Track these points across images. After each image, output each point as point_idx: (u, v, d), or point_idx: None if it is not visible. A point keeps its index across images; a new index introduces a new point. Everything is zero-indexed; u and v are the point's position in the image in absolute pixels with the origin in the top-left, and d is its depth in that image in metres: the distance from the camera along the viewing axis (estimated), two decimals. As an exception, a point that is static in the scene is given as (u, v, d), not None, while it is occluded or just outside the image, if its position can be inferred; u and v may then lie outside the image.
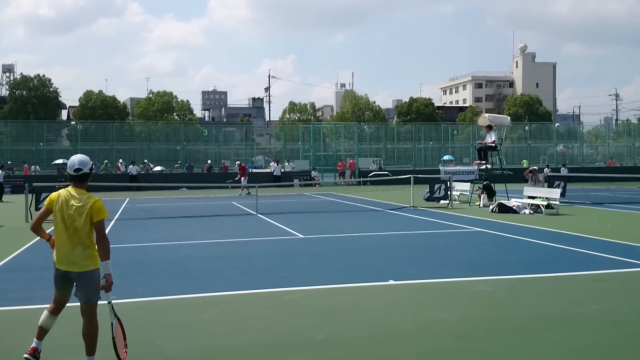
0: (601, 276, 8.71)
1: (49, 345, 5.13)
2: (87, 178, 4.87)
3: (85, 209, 4.73)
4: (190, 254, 10.95)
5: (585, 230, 13.79)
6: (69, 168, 4.85)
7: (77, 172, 4.82)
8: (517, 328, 6.01)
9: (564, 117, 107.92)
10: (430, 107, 73.84)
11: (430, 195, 22.17)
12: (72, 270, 4.73)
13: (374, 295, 7.64)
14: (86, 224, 4.74)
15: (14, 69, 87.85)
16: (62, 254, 4.76)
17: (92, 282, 4.75)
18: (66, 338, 5.59)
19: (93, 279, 4.76)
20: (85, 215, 4.73)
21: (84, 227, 4.74)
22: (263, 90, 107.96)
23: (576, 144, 50.58)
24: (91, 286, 4.75)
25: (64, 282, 4.82)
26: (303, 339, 5.71)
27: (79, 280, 4.75)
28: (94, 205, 4.75)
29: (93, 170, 5.01)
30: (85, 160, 4.88)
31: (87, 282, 4.73)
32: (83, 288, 4.75)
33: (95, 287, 4.78)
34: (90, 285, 4.75)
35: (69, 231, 4.76)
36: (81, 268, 4.72)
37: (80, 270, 4.72)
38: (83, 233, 4.74)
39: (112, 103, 63.17)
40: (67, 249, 4.74)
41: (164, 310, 6.88)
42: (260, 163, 45.92)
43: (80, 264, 4.72)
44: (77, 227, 4.74)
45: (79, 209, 4.74)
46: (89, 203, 4.75)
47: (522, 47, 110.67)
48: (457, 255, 10.99)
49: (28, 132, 41.65)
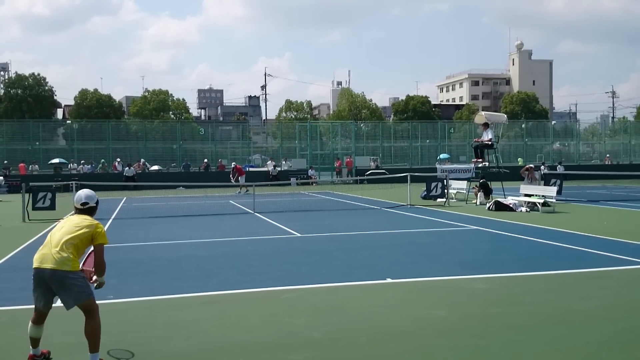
0: (597, 274, 8.75)
1: (46, 344, 5.13)
2: (93, 211, 5.19)
3: (89, 223, 4.93)
4: (188, 253, 10.94)
5: (582, 227, 13.83)
6: (76, 202, 5.15)
7: (84, 206, 5.13)
8: (513, 325, 6.03)
9: (561, 114, 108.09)
10: (427, 105, 73.85)
11: (427, 194, 22.21)
12: (47, 266, 4.67)
13: (371, 293, 7.66)
14: (79, 234, 4.82)
15: (9, 68, 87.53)
16: (42, 253, 4.80)
17: (74, 282, 4.70)
18: (64, 336, 5.59)
19: (73, 279, 4.70)
20: (86, 226, 4.87)
21: (75, 234, 4.80)
22: (259, 88, 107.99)
23: (572, 142, 50.69)
24: (73, 286, 4.69)
25: (42, 289, 4.76)
26: (300, 338, 5.72)
27: (54, 281, 4.67)
28: (99, 228, 4.95)
29: (98, 204, 5.27)
30: (91, 195, 5.20)
31: (64, 282, 4.67)
32: (62, 289, 4.69)
33: (80, 286, 4.73)
34: (72, 285, 4.69)
35: (57, 234, 4.84)
36: (56, 266, 4.66)
37: (55, 268, 4.65)
38: (70, 239, 4.77)
39: (108, 102, 62.93)
40: (48, 248, 4.77)
41: (161, 310, 6.87)
42: (257, 162, 45.87)
43: (55, 262, 4.67)
44: (68, 232, 4.81)
45: (80, 221, 4.94)
46: (94, 225, 4.94)
47: (518, 44, 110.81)
48: (454, 253, 11.01)
49: (23, 132, 41.51)
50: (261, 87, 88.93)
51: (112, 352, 5.26)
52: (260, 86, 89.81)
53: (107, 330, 6.01)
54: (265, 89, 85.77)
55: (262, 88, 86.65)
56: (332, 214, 18.66)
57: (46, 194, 18.00)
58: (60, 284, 4.68)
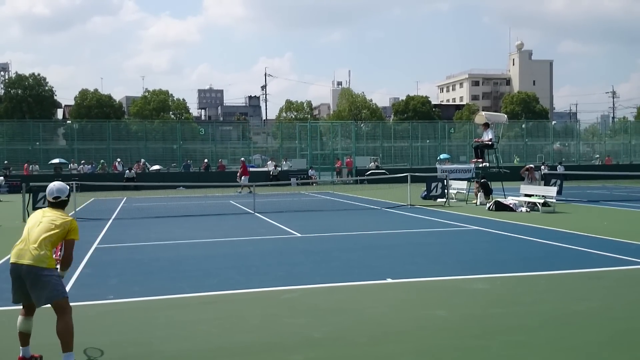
0: (597, 274, 8.74)
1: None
2: (65, 204, 5.23)
3: (63, 220, 4.96)
4: (188, 253, 10.94)
5: (582, 228, 13.83)
6: (48, 195, 5.18)
7: (56, 200, 5.17)
8: (514, 326, 6.03)
9: (561, 114, 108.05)
10: (427, 105, 73.83)
11: (427, 194, 22.21)
12: (24, 262, 4.71)
13: (372, 293, 7.66)
14: (55, 231, 4.86)
15: (9, 68, 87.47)
16: (19, 248, 4.84)
17: (49, 279, 4.73)
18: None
19: (49, 276, 4.73)
20: (60, 225, 4.91)
21: (51, 232, 4.84)
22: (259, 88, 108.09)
23: (573, 142, 50.69)
24: (48, 283, 4.72)
25: (18, 284, 4.81)
26: (301, 338, 5.72)
27: (29, 277, 4.70)
28: (72, 223, 4.99)
29: (70, 197, 5.33)
30: (63, 188, 5.24)
31: (40, 279, 4.70)
32: (37, 286, 4.71)
33: (54, 284, 4.75)
34: (47, 282, 4.71)
35: (33, 230, 4.88)
36: (34, 262, 4.70)
37: (33, 264, 4.69)
38: (47, 237, 4.82)
39: (108, 102, 62.92)
40: (25, 244, 4.82)
41: (161, 310, 6.87)
42: (257, 162, 45.87)
43: (33, 258, 4.71)
44: (45, 229, 4.86)
45: (54, 218, 4.97)
46: (67, 219, 4.99)
47: (518, 44, 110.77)
48: (454, 253, 11.02)
49: (24, 132, 41.55)
50: (261, 87, 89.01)
51: (112, 352, 5.26)
52: (261, 86, 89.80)
53: (107, 330, 6.03)
54: (265, 89, 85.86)
55: (262, 88, 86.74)
56: (333, 214, 18.66)
57: (46, 194, 18.00)
58: (35, 280, 4.71)
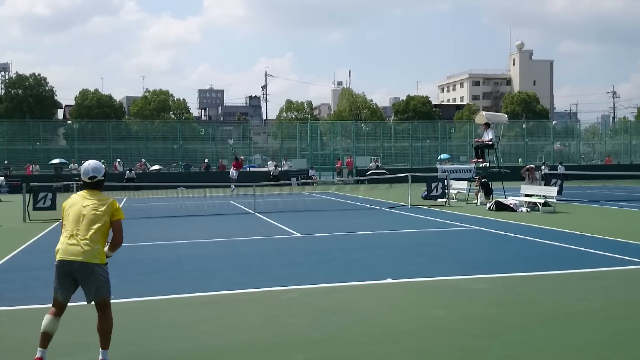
0: (598, 274, 8.74)
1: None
2: (102, 184, 4.94)
3: (105, 205, 4.78)
4: (188, 253, 10.94)
5: (582, 228, 13.82)
6: (83, 175, 4.88)
7: (92, 180, 4.88)
8: (514, 326, 6.03)
9: (561, 114, 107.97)
10: (428, 105, 73.83)
11: (427, 194, 22.19)
12: (77, 259, 4.61)
13: (372, 293, 7.65)
14: (103, 220, 4.73)
15: (9, 68, 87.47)
16: (70, 244, 4.67)
17: (100, 275, 4.68)
18: (65, 337, 5.58)
19: (100, 272, 4.69)
20: (104, 211, 4.75)
21: (100, 223, 4.71)
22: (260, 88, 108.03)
23: (573, 142, 50.69)
24: (99, 279, 4.68)
25: (67, 281, 4.70)
26: (301, 338, 5.72)
27: (82, 273, 4.64)
28: (114, 204, 4.82)
29: (106, 175, 5.06)
30: (98, 167, 4.94)
31: (93, 275, 4.64)
32: (89, 281, 4.65)
33: (103, 281, 4.71)
34: (98, 278, 4.67)
35: (81, 224, 4.70)
36: (87, 258, 4.62)
37: (86, 261, 4.62)
38: (97, 229, 4.69)
39: (108, 102, 62.97)
40: (77, 240, 4.66)
41: (162, 310, 6.87)
42: (258, 162, 45.89)
43: (87, 254, 4.62)
44: (92, 221, 4.70)
45: (96, 205, 4.77)
46: (108, 202, 4.81)
47: (519, 44, 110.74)
48: (455, 253, 11.01)
49: (24, 132, 41.57)
50: (262, 87, 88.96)
51: (112, 352, 5.26)
52: (261, 86, 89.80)
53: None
54: (265, 89, 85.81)
55: (262, 88, 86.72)
56: (333, 214, 18.66)
57: (47, 194, 18.03)
58: (88, 276, 4.65)
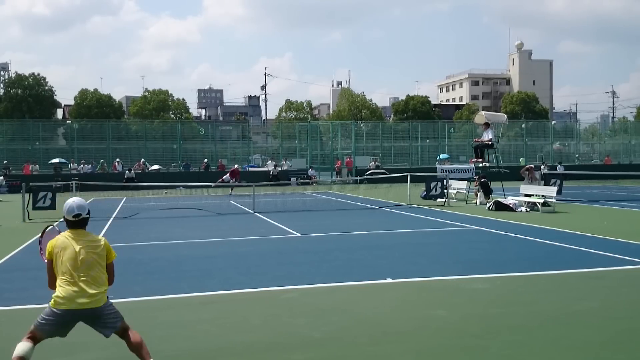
0: (598, 274, 8.75)
1: (45, 345, 5.11)
2: (86, 222, 4.72)
3: (100, 247, 4.63)
4: (187, 253, 10.94)
5: (582, 227, 13.83)
6: (67, 213, 4.62)
7: (77, 218, 4.63)
8: (514, 325, 6.03)
9: (561, 114, 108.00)
10: (427, 105, 73.78)
11: (427, 194, 22.20)
12: (87, 307, 4.50)
13: (371, 293, 7.65)
14: (103, 263, 4.63)
15: (9, 68, 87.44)
16: (75, 292, 4.50)
17: (109, 312, 4.63)
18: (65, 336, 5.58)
19: (109, 309, 4.64)
20: (101, 254, 4.62)
21: (101, 266, 4.62)
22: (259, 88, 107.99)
23: (572, 142, 50.69)
24: (109, 316, 4.62)
25: (71, 326, 4.62)
26: (301, 338, 5.72)
27: (91, 317, 4.57)
28: (107, 244, 4.68)
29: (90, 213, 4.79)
30: (83, 204, 4.69)
31: (103, 315, 4.59)
32: (100, 322, 4.60)
33: (114, 314, 4.66)
34: (108, 316, 4.62)
35: (80, 269, 4.53)
36: (95, 304, 4.53)
37: (94, 306, 4.53)
38: (100, 272, 4.61)
39: (108, 102, 62.87)
40: (81, 287, 4.51)
41: (161, 310, 6.87)
42: (257, 162, 45.86)
43: (95, 300, 4.53)
44: (92, 265, 4.56)
45: (91, 248, 4.60)
46: (101, 243, 4.65)
47: (518, 44, 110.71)
48: (454, 253, 11.02)
49: (24, 131, 41.51)
50: (261, 87, 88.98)
51: (113, 352, 5.26)
52: (261, 86, 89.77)
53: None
54: (265, 88, 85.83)
55: (262, 88, 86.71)
56: (332, 214, 18.67)
57: (46, 193, 18.03)
58: (99, 318, 4.60)
